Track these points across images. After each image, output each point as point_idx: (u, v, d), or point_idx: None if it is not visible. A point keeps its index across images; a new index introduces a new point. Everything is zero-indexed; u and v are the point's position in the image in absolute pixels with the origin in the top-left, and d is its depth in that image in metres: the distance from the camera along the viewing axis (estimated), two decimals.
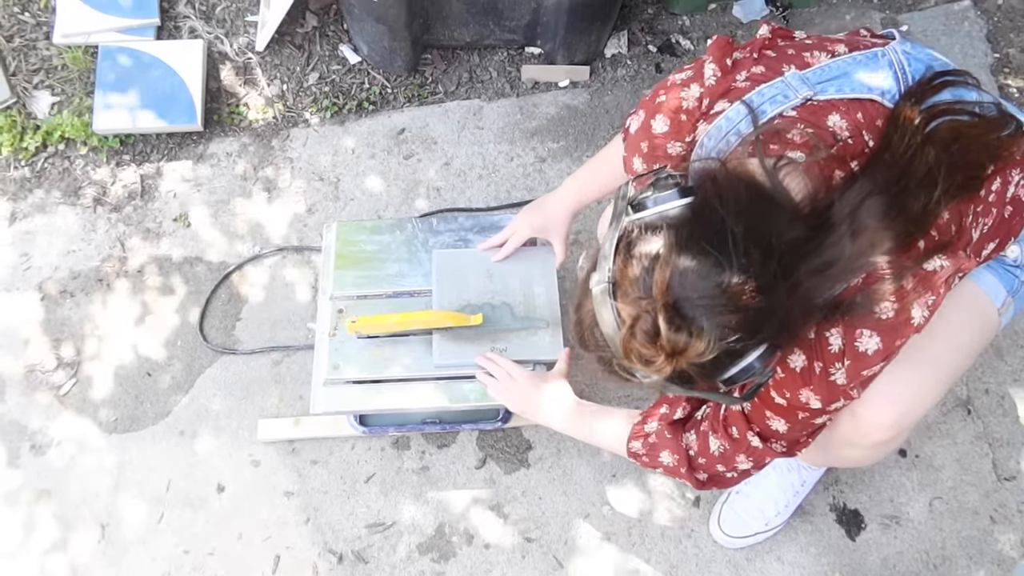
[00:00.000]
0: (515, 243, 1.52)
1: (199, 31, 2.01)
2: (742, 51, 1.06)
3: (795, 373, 0.99)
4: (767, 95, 0.98)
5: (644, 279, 0.83)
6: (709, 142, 1.02)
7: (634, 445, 1.25)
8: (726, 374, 0.85)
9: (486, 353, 1.44)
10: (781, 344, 0.87)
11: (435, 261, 1.53)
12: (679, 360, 0.81)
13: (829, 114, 0.96)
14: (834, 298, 0.87)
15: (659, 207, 0.86)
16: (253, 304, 1.77)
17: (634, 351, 0.83)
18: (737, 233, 0.80)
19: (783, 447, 1.12)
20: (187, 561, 1.56)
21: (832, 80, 0.98)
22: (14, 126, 1.90)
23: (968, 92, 0.98)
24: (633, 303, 0.83)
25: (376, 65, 2.00)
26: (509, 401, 1.42)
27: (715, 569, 1.55)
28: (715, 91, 1.03)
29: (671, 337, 0.80)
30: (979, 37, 2.07)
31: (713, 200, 0.84)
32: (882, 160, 0.89)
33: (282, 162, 1.91)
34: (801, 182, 0.89)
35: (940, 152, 0.88)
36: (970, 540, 1.58)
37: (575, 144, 1.94)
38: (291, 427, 1.63)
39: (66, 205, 1.86)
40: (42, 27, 2.01)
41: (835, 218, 0.84)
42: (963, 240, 0.98)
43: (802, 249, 0.83)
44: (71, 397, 1.69)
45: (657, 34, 2.08)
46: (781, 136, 0.95)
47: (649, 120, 1.10)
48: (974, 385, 1.70)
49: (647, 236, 0.85)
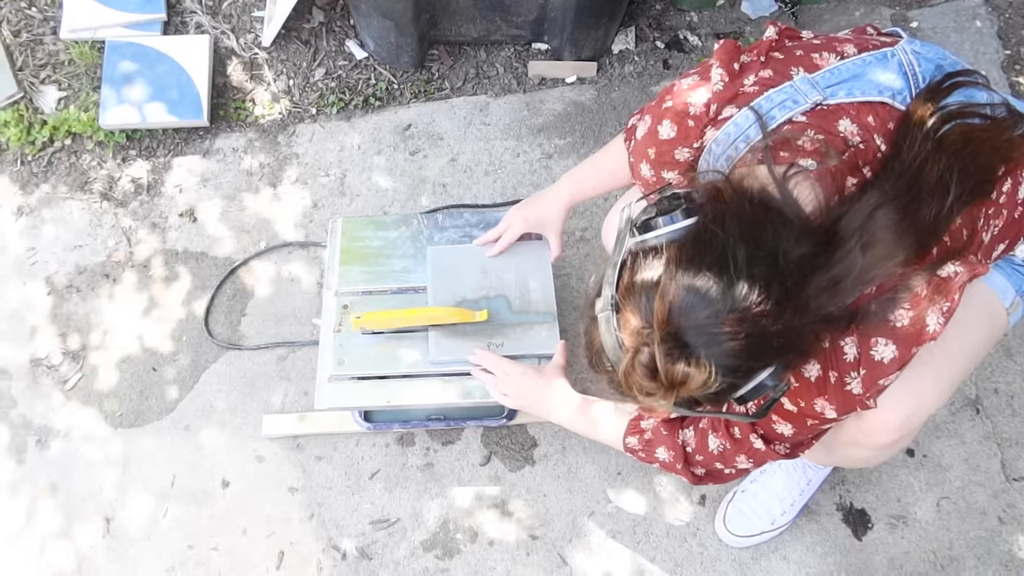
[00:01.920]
0: (510, 238, 1.51)
1: (205, 26, 2.01)
2: (749, 54, 1.04)
3: (810, 383, 0.97)
4: (776, 100, 0.97)
5: (646, 307, 0.81)
6: (717, 148, 1.01)
7: (630, 441, 1.25)
8: (736, 394, 0.84)
9: (478, 351, 1.43)
10: (793, 362, 0.86)
11: (430, 258, 1.53)
12: (680, 392, 0.80)
13: (840, 119, 0.94)
14: (848, 307, 0.85)
15: (661, 231, 0.84)
16: (258, 299, 1.77)
17: (635, 384, 0.82)
18: (739, 256, 0.78)
19: (786, 449, 1.11)
20: (191, 556, 1.56)
21: (842, 83, 0.97)
22: (21, 121, 1.90)
23: (979, 92, 0.97)
24: (635, 333, 0.82)
25: (382, 61, 1.99)
26: (505, 397, 1.41)
27: (720, 568, 1.55)
28: (723, 96, 1.01)
29: (669, 370, 0.79)
30: (990, 34, 2.05)
31: (716, 221, 0.82)
32: (892, 169, 0.87)
33: (288, 158, 1.91)
34: (811, 191, 0.87)
35: (951, 158, 0.86)
36: (978, 541, 1.57)
37: (582, 140, 1.93)
38: (296, 423, 1.63)
39: (73, 199, 1.86)
40: (49, 22, 2.01)
41: (844, 231, 0.82)
42: (975, 244, 0.97)
43: (810, 265, 0.81)
44: (77, 391, 1.69)
45: (665, 30, 2.07)
46: (791, 143, 0.93)
47: (656, 126, 1.08)
48: (983, 384, 1.68)
49: (649, 261, 0.84)
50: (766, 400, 0.89)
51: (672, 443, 1.19)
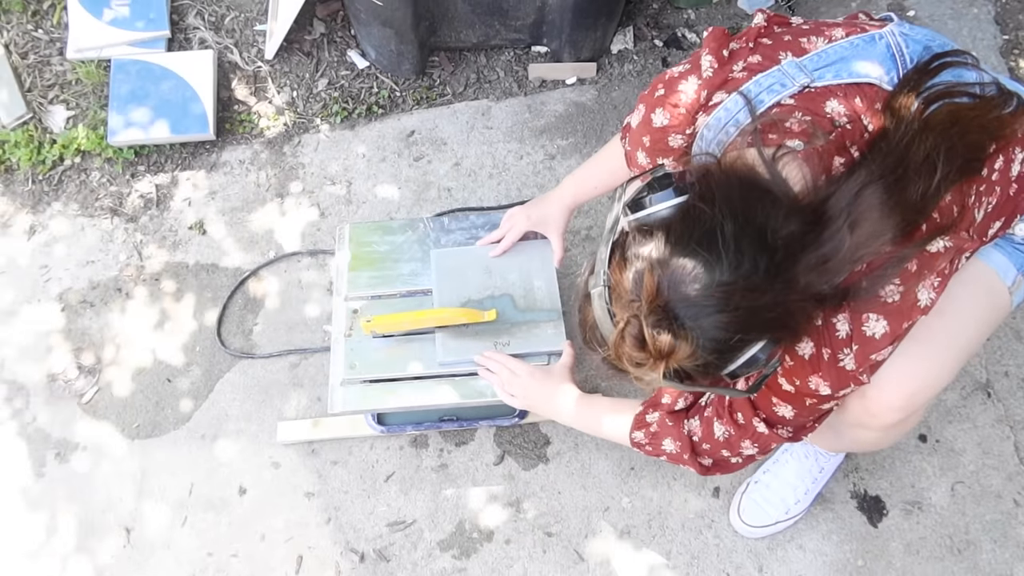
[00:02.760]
0: (513, 237, 1.53)
1: (209, 42, 2.04)
2: (738, 41, 1.06)
3: (803, 360, 0.99)
4: (764, 84, 0.98)
5: (636, 282, 0.84)
6: (709, 133, 1.02)
7: (636, 435, 1.26)
8: (728, 369, 0.85)
9: (485, 352, 1.45)
10: (783, 338, 0.87)
11: (433, 260, 1.54)
12: (668, 362, 0.82)
13: (827, 100, 0.96)
14: (839, 284, 0.87)
15: (652, 208, 0.86)
16: (269, 308, 1.79)
17: (624, 355, 0.85)
18: (728, 231, 0.80)
19: (789, 432, 1.12)
20: (211, 563, 1.58)
21: (829, 66, 0.98)
22: (31, 141, 1.93)
23: (968, 72, 0.98)
24: (626, 307, 0.84)
25: (384, 69, 2.02)
26: (512, 397, 1.42)
27: (736, 559, 1.55)
28: (713, 83, 1.03)
29: (656, 340, 0.81)
30: (987, 20, 2.06)
31: (705, 198, 0.83)
32: (879, 149, 0.88)
33: (294, 168, 1.93)
34: (799, 171, 0.88)
35: (938, 137, 0.87)
36: (994, 524, 1.57)
37: (584, 141, 1.94)
38: (310, 428, 1.65)
39: (84, 216, 1.89)
40: (55, 43, 2.04)
41: (832, 211, 0.83)
42: (966, 221, 0.98)
43: (799, 244, 0.82)
44: (93, 405, 1.71)
45: (663, 29, 2.08)
46: (779, 125, 0.95)
47: (649, 114, 1.10)
48: (993, 368, 1.69)
49: (640, 238, 0.86)
50: (759, 376, 0.91)
51: (678, 434, 1.20)
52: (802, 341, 0.97)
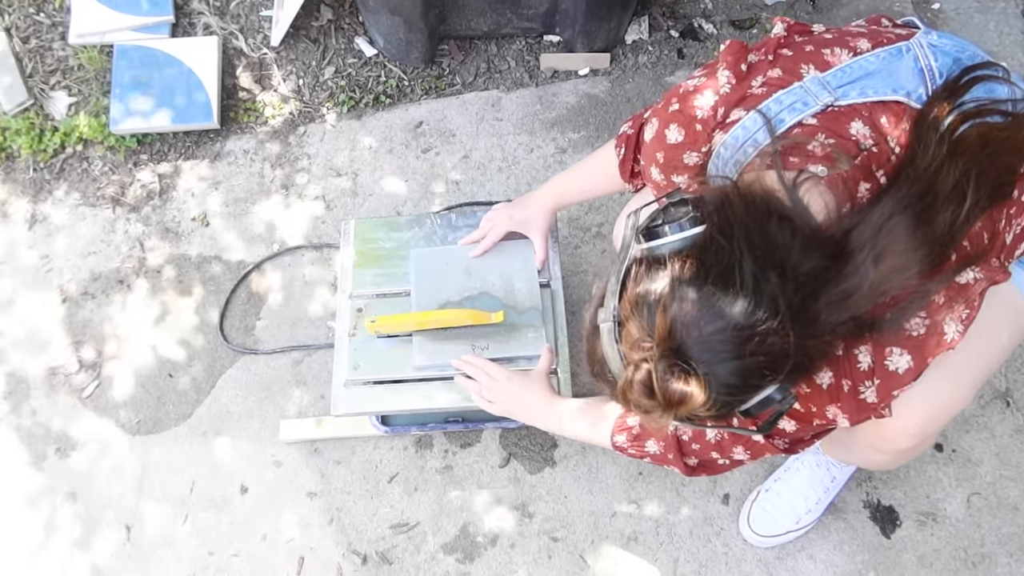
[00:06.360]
0: (494, 237, 1.47)
1: (214, 27, 1.99)
2: (757, 53, 1.00)
3: (821, 389, 0.94)
4: (785, 103, 0.93)
5: (648, 321, 0.78)
6: (726, 152, 0.97)
7: (618, 439, 1.22)
8: (741, 408, 0.81)
9: (463, 356, 1.40)
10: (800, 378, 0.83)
11: (412, 261, 1.50)
12: (678, 411, 0.77)
13: (852, 120, 0.91)
14: (862, 315, 0.81)
15: (667, 239, 0.81)
16: (273, 303, 1.76)
17: (632, 401, 0.79)
18: (746, 270, 0.75)
19: (785, 444, 1.08)
20: (212, 563, 1.56)
21: (854, 83, 0.93)
22: (32, 128, 1.89)
23: (999, 87, 0.92)
24: (635, 347, 0.79)
25: (392, 57, 1.97)
26: (490, 404, 1.35)
27: (745, 568, 1.52)
28: (730, 99, 0.97)
29: (667, 390, 0.76)
30: (1015, 14, 1.99)
31: (723, 231, 0.78)
32: (906, 175, 0.82)
33: (299, 158, 1.89)
34: (822, 199, 0.83)
35: (969, 162, 0.82)
36: (1010, 537, 1.53)
37: (596, 134, 1.90)
38: (313, 427, 1.62)
39: (85, 206, 1.86)
40: (57, 27, 2.00)
41: (856, 243, 0.78)
42: (996, 247, 0.93)
43: (820, 279, 0.77)
44: (94, 399, 1.69)
45: (679, 19, 2.02)
46: (801, 148, 0.90)
47: (663, 129, 1.04)
48: (1013, 377, 1.64)
49: (653, 271, 0.80)
50: (772, 414, 0.86)
51: (662, 434, 1.16)
52: (821, 370, 0.93)
